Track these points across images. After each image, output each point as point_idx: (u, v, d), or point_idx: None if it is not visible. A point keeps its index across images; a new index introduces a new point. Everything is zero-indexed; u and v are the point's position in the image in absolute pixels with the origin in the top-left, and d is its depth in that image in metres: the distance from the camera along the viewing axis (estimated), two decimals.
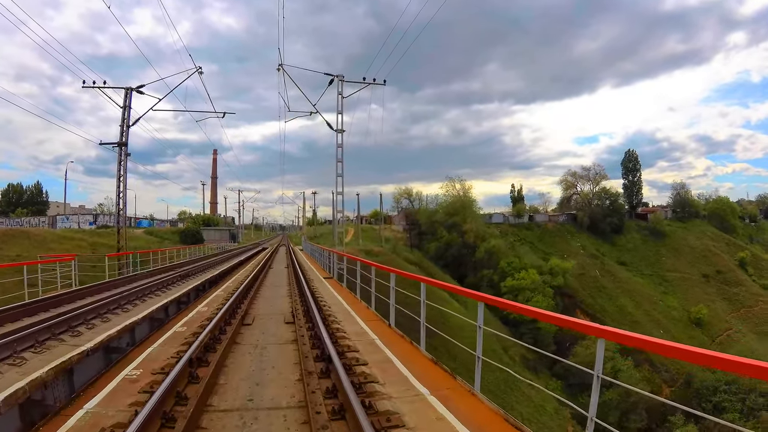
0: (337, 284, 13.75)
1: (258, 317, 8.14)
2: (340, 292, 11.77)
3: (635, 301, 59.10)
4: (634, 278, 64.56)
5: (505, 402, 31.77)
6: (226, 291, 11.52)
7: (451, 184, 60.22)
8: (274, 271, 18.70)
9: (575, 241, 67.35)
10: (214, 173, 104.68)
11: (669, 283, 66.69)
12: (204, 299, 10.49)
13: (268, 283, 14.15)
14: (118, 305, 8.89)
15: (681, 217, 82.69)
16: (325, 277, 15.70)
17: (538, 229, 67.81)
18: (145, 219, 66.10)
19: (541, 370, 42.76)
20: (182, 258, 26.41)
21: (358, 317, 7.95)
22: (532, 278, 45.41)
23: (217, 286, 13.31)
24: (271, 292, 11.78)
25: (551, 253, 60.75)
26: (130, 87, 19.15)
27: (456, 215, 52.99)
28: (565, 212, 75.17)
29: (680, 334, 57.28)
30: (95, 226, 48.55)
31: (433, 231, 52.51)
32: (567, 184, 74.64)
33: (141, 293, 10.50)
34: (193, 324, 7.28)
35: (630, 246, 71.72)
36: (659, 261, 70.80)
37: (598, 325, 3.31)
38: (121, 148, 19.40)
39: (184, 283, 13.20)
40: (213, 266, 19.60)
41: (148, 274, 15.70)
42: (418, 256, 48.69)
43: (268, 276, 16.11)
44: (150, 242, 41.00)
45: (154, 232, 48.25)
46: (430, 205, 61.65)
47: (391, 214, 70.73)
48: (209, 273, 16.47)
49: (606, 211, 71.36)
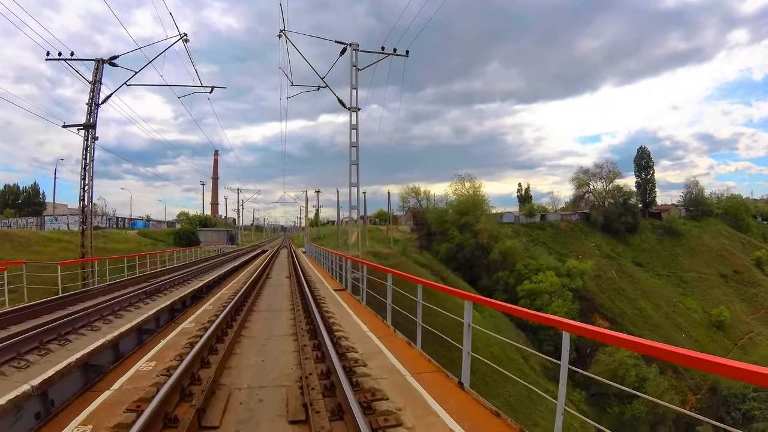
0: (352, 300, 11.02)
1: (235, 399, 4.24)
2: (362, 314, 9.02)
3: (654, 304, 56.47)
4: (651, 279, 61.92)
5: (528, 418, 29.23)
6: (198, 323, 7.82)
7: (460, 182, 57.48)
8: (273, 283, 14.92)
9: (589, 241, 64.68)
10: (215, 174, 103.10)
11: (687, 284, 64.13)
12: (156, 342, 6.55)
13: (263, 305, 10.21)
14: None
15: (695, 215, 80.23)
16: (336, 289, 12.97)
17: (551, 228, 65.10)
18: (140, 220, 63.39)
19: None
20: (168, 263, 23.31)
21: (418, 385, 4.58)
22: (551, 281, 42.62)
23: (188, 313, 9.39)
24: (266, 328, 7.76)
25: (566, 253, 58.07)
26: (102, 58, 16.35)
27: (467, 214, 50.20)
28: (578, 211, 72.49)
29: (702, 337, 54.78)
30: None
31: (444, 231, 49.68)
32: (579, 182, 71.92)
33: (68, 327, 6.93)
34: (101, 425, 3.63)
35: (645, 246, 69.11)
36: (675, 261, 68.23)
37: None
38: (87, 131, 16.54)
39: (145, 306, 9.57)
40: (198, 275, 16.37)
41: (111, 287, 12.54)
42: (428, 258, 45.96)
43: (264, 292, 12.37)
44: (142, 244, 38.30)
45: (147, 233, 45.54)
46: (438, 205, 58.89)
47: (397, 214, 68.00)
48: (189, 286, 13.03)
49: (620, 210, 68.73)
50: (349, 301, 10.64)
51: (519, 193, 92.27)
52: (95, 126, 16.74)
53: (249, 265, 23.80)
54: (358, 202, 17.25)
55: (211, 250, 36.59)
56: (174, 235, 42.91)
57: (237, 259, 27.13)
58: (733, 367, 2.13)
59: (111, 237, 41.29)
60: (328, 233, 74.80)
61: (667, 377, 43.89)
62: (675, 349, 2.47)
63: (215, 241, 44.88)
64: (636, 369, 40.67)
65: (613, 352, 40.68)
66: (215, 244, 43.17)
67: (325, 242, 57.31)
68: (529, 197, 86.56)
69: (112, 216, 55.34)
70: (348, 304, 9.96)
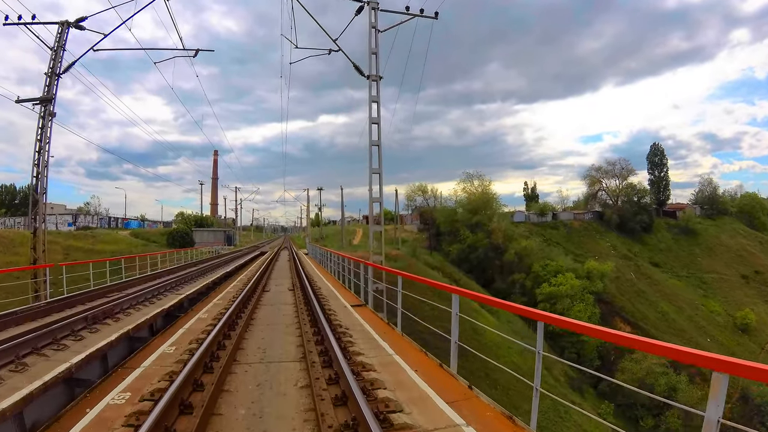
0: (380, 323, 8.29)
1: None
2: (409, 355, 6.18)
3: (676, 307, 53.57)
4: (670, 281, 59.02)
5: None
6: (135, 394, 4.31)
7: (468, 180, 54.53)
8: (272, 299, 11.00)
9: (604, 240, 61.78)
10: (215, 174, 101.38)
11: (707, 285, 61.22)
12: None
13: (253, 349, 6.24)
14: None
15: (709, 214, 77.49)
16: (353, 305, 10.09)
17: (564, 228, 62.17)
18: (135, 220, 60.65)
19: (585, 389, 37.27)
20: (151, 268, 20.19)
21: None
22: (571, 283, 39.72)
23: (130, 366, 5.43)
24: (258, 393, 4.46)
25: (581, 254, 55.18)
26: (66, 20, 13.55)
27: (478, 213, 47.31)
28: (590, 210, 69.60)
29: (728, 341, 51.94)
30: (74, 227, 43.03)
31: (453, 231, 46.74)
32: (592, 180, 69.02)
33: None
34: None
35: (662, 246, 66.21)
36: (694, 261, 65.32)
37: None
38: (44, 107, 13.71)
39: (94, 335, 6.67)
40: (178, 286, 13.18)
41: (63, 303, 9.55)
42: (438, 260, 43.12)
43: (258, 319, 8.45)
44: (132, 245, 35.55)
45: (140, 233, 42.78)
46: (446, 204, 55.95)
47: (403, 213, 65.14)
48: (156, 306, 9.53)
49: (635, 209, 65.87)
50: (377, 326, 7.79)
51: (525, 192, 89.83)
52: (54, 100, 13.92)
53: (244, 270, 20.74)
54: (382, 194, 14.04)
55: (206, 251, 33.68)
56: (167, 236, 40.12)
57: (231, 263, 23.66)
58: None
59: (100, 237, 38.55)
60: (330, 233, 71.99)
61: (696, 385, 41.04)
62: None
63: (211, 242, 41.97)
64: (665, 377, 37.88)
65: (640, 359, 37.84)
66: (211, 245, 40.27)
67: (328, 243, 54.51)
68: (536, 196, 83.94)
69: (105, 216, 52.58)
70: (379, 333, 7.10)
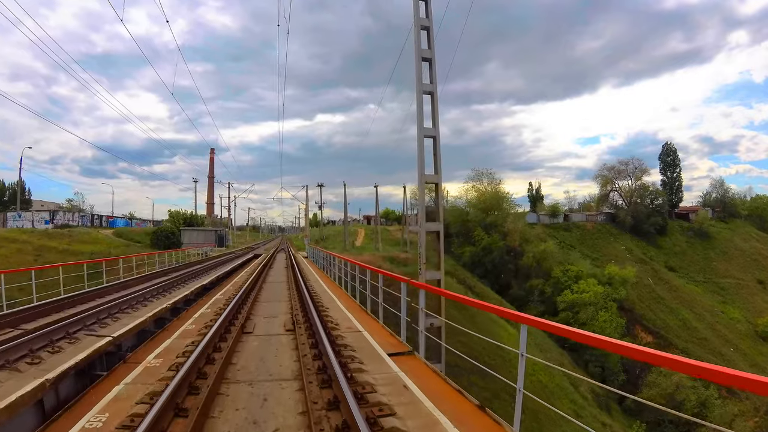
0: (447, 391, 4.83)
1: None
2: None
3: (696, 314, 50.73)
4: (688, 286, 56.21)
5: None
6: None
7: (477, 179, 51.21)
8: (255, 357, 5.60)
9: (618, 243, 58.84)
10: (211, 173, 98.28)
11: (725, 291, 58.55)
12: None
13: None
14: None
15: (721, 216, 75.05)
16: (393, 354, 5.76)
17: (577, 230, 59.18)
18: (122, 218, 56.84)
19: (611, 406, 34.22)
20: (121, 274, 16.49)
21: None
22: (593, 290, 36.59)
23: None
24: None
25: (597, 257, 52.21)
26: None
27: (490, 214, 44.13)
28: (602, 211, 66.70)
29: (750, 350, 49.22)
30: (51, 225, 39.28)
31: (465, 233, 43.52)
32: (605, 180, 66.08)
33: None
34: None
35: (677, 249, 63.48)
36: (710, 266, 62.66)
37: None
38: None
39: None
40: (139, 304, 9.70)
41: None
42: (450, 264, 39.93)
43: (231, 396, 4.22)
44: (113, 245, 31.98)
45: (123, 233, 39.15)
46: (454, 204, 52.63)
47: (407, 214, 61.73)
48: (87, 346, 5.83)
49: (648, 210, 63.07)
50: (450, 400, 4.23)
51: (530, 193, 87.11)
52: None
53: (227, 282, 16.13)
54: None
55: (193, 254, 30.04)
56: (152, 236, 36.51)
57: (213, 271, 18.83)
58: None
59: (78, 237, 34.91)
60: (331, 234, 68.48)
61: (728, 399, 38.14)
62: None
63: (201, 243, 38.28)
64: (695, 392, 35.02)
65: (670, 374, 34.86)
66: (200, 246, 36.60)
67: (329, 244, 51.07)
68: (541, 197, 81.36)
69: (87, 213, 48.77)
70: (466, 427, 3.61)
